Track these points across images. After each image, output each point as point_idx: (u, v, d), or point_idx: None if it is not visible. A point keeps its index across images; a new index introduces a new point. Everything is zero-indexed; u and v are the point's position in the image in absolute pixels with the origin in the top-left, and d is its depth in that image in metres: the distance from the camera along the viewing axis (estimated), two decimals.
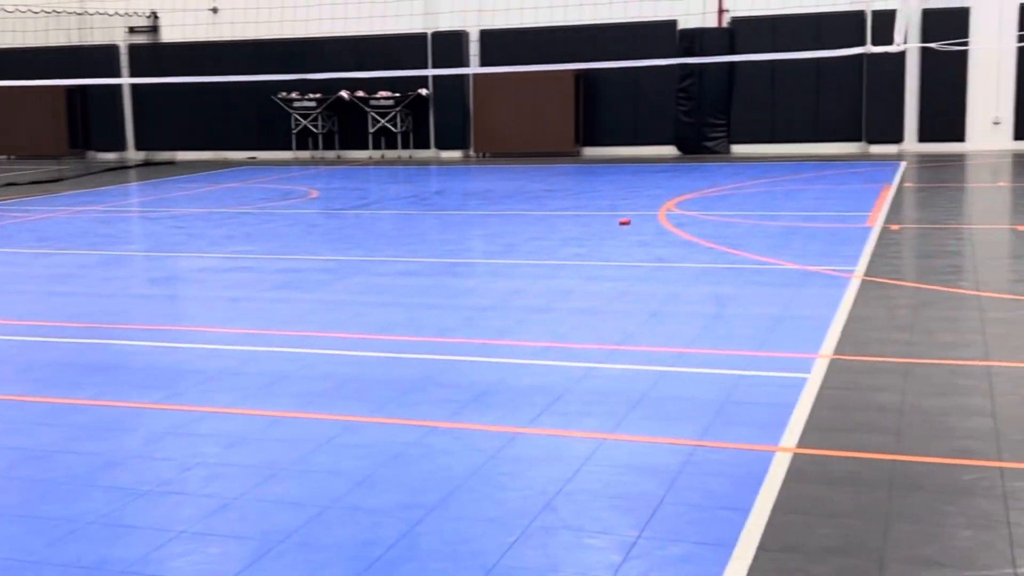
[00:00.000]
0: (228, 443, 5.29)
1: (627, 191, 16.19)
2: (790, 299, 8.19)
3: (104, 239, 12.87)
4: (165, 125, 25.93)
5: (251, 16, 24.04)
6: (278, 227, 13.40)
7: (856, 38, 20.16)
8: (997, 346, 6.66)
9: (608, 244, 11.16)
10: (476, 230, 12.88)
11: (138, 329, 7.98)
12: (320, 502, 4.52)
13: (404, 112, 24.12)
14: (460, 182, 18.63)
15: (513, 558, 3.97)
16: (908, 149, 21.52)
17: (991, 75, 21.16)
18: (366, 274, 10.00)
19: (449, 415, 5.64)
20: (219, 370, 6.67)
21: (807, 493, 4.47)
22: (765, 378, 6.20)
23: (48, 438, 5.44)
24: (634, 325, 7.51)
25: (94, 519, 4.40)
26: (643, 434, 5.28)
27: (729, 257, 10.12)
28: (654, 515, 4.31)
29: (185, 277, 10.25)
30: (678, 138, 22.74)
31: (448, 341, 7.28)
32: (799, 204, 14.05)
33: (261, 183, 19.43)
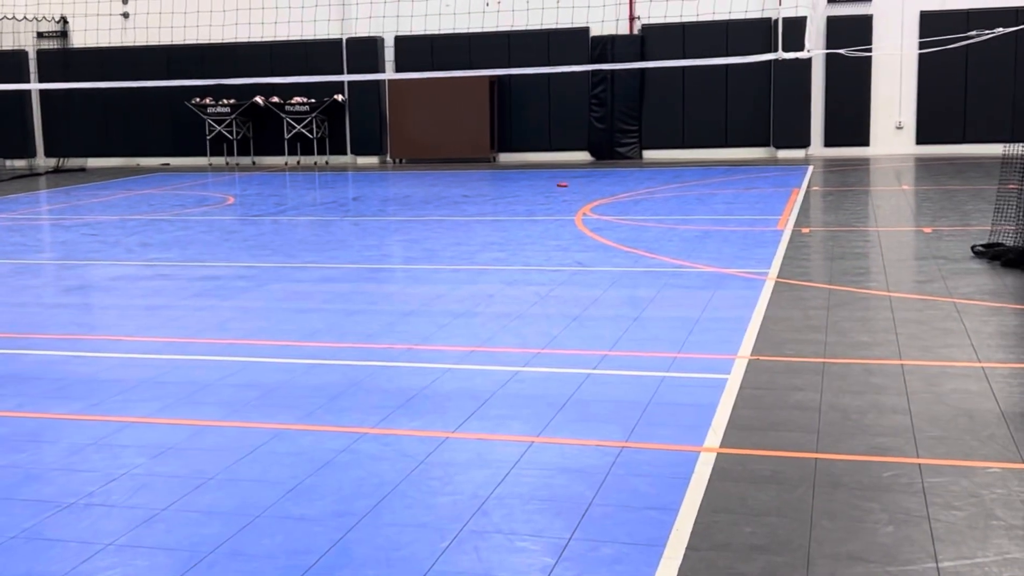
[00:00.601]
0: (152, 454, 5.23)
1: (543, 196, 16.30)
2: (707, 301, 8.35)
3: (16, 247, 12.57)
4: (76, 131, 25.38)
5: (163, 21, 23.67)
6: (195, 234, 13.23)
7: (763, 45, 20.62)
8: (909, 345, 6.87)
9: (527, 249, 11.24)
10: (396, 236, 12.87)
11: (54, 339, 7.83)
12: (250, 511, 4.50)
13: (320, 118, 23.96)
14: (378, 188, 18.57)
15: (446, 563, 4.00)
16: (814, 154, 22.02)
17: (894, 81, 21.78)
18: (286, 280, 9.93)
19: (377, 421, 5.65)
20: (139, 380, 6.58)
21: (732, 492, 4.58)
22: (687, 379, 6.32)
23: None
24: (556, 329, 7.59)
25: (16, 533, 4.32)
26: (570, 436, 5.34)
27: (646, 260, 10.26)
28: (584, 517, 4.37)
29: (101, 286, 10.06)
30: (591, 144, 22.96)
31: (372, 347, 7.28)
32: (711, 208, 14.30)
33: (176, 190, 19.14)
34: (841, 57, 19.02)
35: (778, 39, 14.12)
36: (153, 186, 19.88)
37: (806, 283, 8.97)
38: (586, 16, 22.09)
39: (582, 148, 23.05)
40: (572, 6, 21.83)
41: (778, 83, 21.73)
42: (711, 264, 9.93)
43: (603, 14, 22.29)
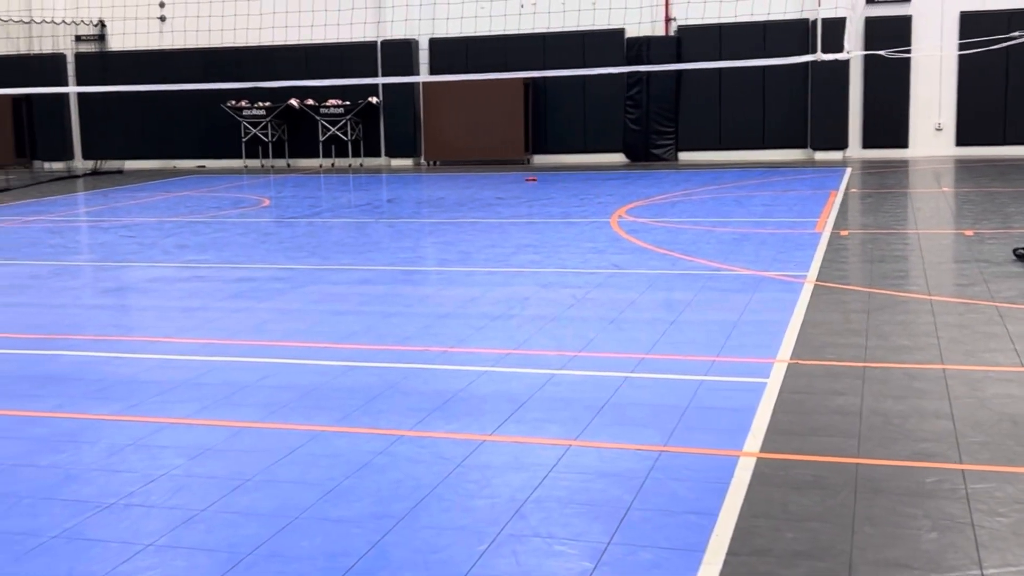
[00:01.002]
0: (191, 455, 5.25)
1: (578, 199, 16.27)
2: (745, 304, 8.28)
3: (55, 249, 12.69)
4: (113, 134, 25.64)
5: (200, 24, 23.85)
6: (231, 236, 13.30)
7: (801, 46, 20.47)
8: (951, 349, 6.78)
9: (563, 251, 11.21)
10: (430, 238, 12.88)
11: (93, 340, 7.89)
12: (288, 513, 4.50)
13: (354, 120, 24.05)
14: (412, 190, 18.61)
15: (485, 566, 3.98)
16: (853, 155, 21.86)
17: (933, 82, 21.57)
18: (322, 283, 9.95)
19: (414, 423, 5.64)
20: (178, 381, 6.61)
21: (773, 497, 4.53)
22: (725, 383, 6.27)
23: (7, 451, 5.36)
24: (593, 331, 7.56)
25: (57, 533, 4.35)
26: (608, 440, 5.31)
27: (683, 263, 10.21)
28: (623, 521, 4.34)
29: (139, 287, 10.14)
30: (626, 146, 22.90)
31: (408, 349, 7.27)
32: (748, 210, 14.20)
33: (212, 192, 19.27)
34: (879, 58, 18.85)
35: (817, 40, 14.01)
36: (189, 188, 20.02)
37: (845, 286, 8.88)
38: (622, 18, 22.04)
39: (617, 150, 22.99)
40: (608, 8, 21.79)
41: (816, 84, 21.58)
42: (749, 267, 9.86)
43: (639, 16, 22.25)
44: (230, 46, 24.16)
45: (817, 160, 21.67)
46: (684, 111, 22.56)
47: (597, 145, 23.10)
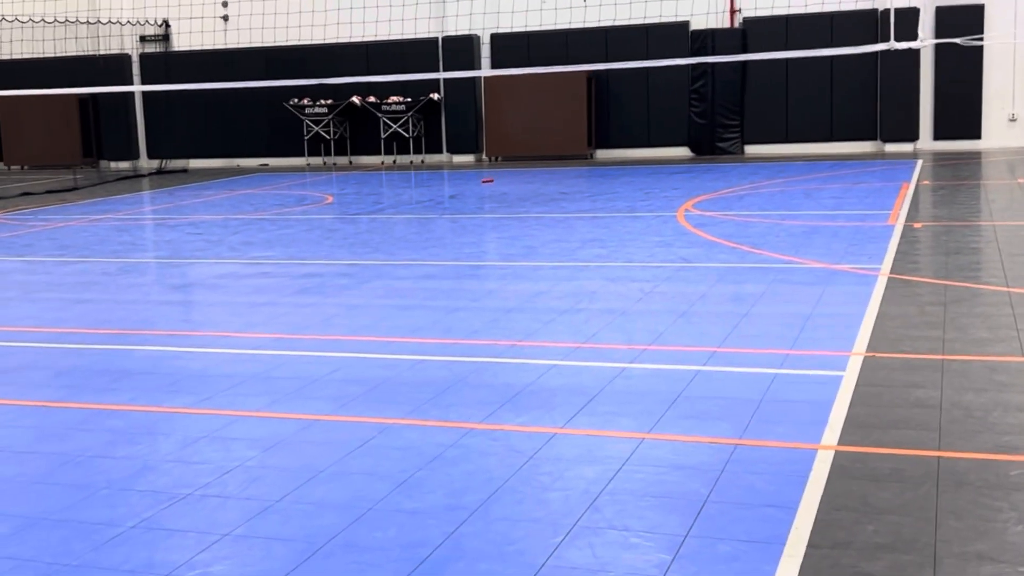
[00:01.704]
0: (264, 446, 5.27)
1: (643, 192, 16.16)
2: (818, 297, 8.15)
3: (124, 246, 12.88)
4: (177, 133, 25.99)
5: (263, 22, 24.08)
6: (296, 232, 13.40)
7: (868, 36, 20.15)
8: None
9: (629, 245, 11.13)
10: (494, 233, 12.86)
11: (165, 335, 7.97)
12: (362, 504, 4.50)
13: (416, 117, 24.12)
14: (474, 186, 18.61)
15: (560, 558, 3.94)
16: (923, 147, 21.46)
17: (1007, 71, 21.10)
18: (387, 278, 9.98)
19: (484, 416, 5.61)
20: (248, 374, 6.66)
21: (853, 490, 4.43)
22: (800, 376, 6.16)
23: (84, 443, 5.42)
24: (663, 325, 7.48)
25: (136, 523, 4.39)
26: (682, 433, 5.24)
27: (753, 256, 10.08)
28: (699, 514, 4.28)
29: (207, 283, 10.24)
30: (691, 139, 22.71)
31: (476, 343, 7.26)
32: (818, 203, 14.00)
33: (275, 189, 19.44)
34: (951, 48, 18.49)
35: (890, 28, 13.77)
36: (253, 186, 20.22)
37: (920, 279, 8.70)
38: (687, 9, 21.86)
39: (682, 144, 22.81)
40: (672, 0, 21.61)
41: (885, 75, 21.22)
42: (820, 260, 9.71)
43: (704, 7, 22.06)
44: (292, 44, 24.36)
45: (887, 152, 21.31)
46: (750, 104, 22.31)
47: (661, 139, 22.94)
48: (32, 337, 8.01)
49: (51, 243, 13.25)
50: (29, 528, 4.37)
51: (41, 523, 4.42)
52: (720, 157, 22.15)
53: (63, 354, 7.49)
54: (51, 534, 4.31)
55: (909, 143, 21.43)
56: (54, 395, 6.35)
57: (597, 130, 23.30)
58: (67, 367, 7.08)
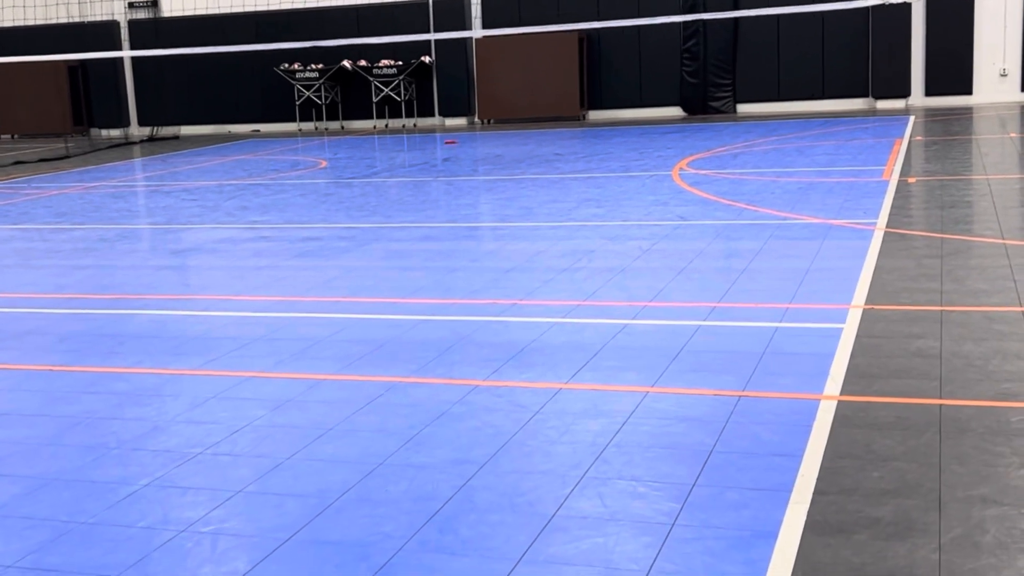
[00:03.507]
0: (272, 406, 5.31)
1: (636, 152, 16.16)
2: (816, 252, 8.20)
3: (120, 213, 12.86)
4: (168, 100, 25.87)
5: None
6: (291, 197, 13.39)
7: None
8: None
9: (625, 204, 11.15)
10: (490, 195, 12.87)
11: (167, 299, 8.00)
12: (372, 460, 4.55)
13: (407, 81, 24.04)
14: (468, 149, 18.58)
15: (570, 508, 4.00)
16: (915, 103, 21.47)
17: (998, 26, 21.08)
18: (386, 240, 10.00)
19: (489, 374, 5.66)
20: (253, 337, 6.69)
21: (857, 438, 4.49)
22: (801, 329, 6.22)
23: (93, 406, 5.46)
24: (663, 282, 7.52)
25: (149, 481, 4.43)
26: (686, 386, 5.30)
27: (749, 213, 10.11)
28: (706, 464, 4.34)
29: (206, 248, 10.24)
30: (683, 99, 22.68)
31: (478, 302, 7.29)
32: (812, 160, 14.03)
33: (269, 155, 19.39)
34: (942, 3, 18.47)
35: None
36: (246, 152, 20.16)
37: (916, 232, 8.75)
38: None
39: (674, 103, 22.78)
40: None
41: (876, 31, 21.19)
42: (817, 215, 9.75)
43: None
44: (282, 8, 24.21)
45: (879, 109, 21.32)
46: (742, 62, 22.27)
47: (654, 99, 22.90)
48: (34, 303, 8.03)
49: (47, 211, 13.24)
50: (42, 488, 4.42)
51: (54, 483, 4.47)
52: (713, 116, 22.13)
53: (66, 319, 7.52)
54: (64, 494, 4.36)
55: (901, 99, 21.43)
56: (60, 359, 6.39)
57: (589, 91, 23.25)
58: (71, 332, 7.11)
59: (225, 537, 3.88)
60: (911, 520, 3.73)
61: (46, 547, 3.87)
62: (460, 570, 3.54)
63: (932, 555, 3.47)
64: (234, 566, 3.65)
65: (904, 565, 3.42)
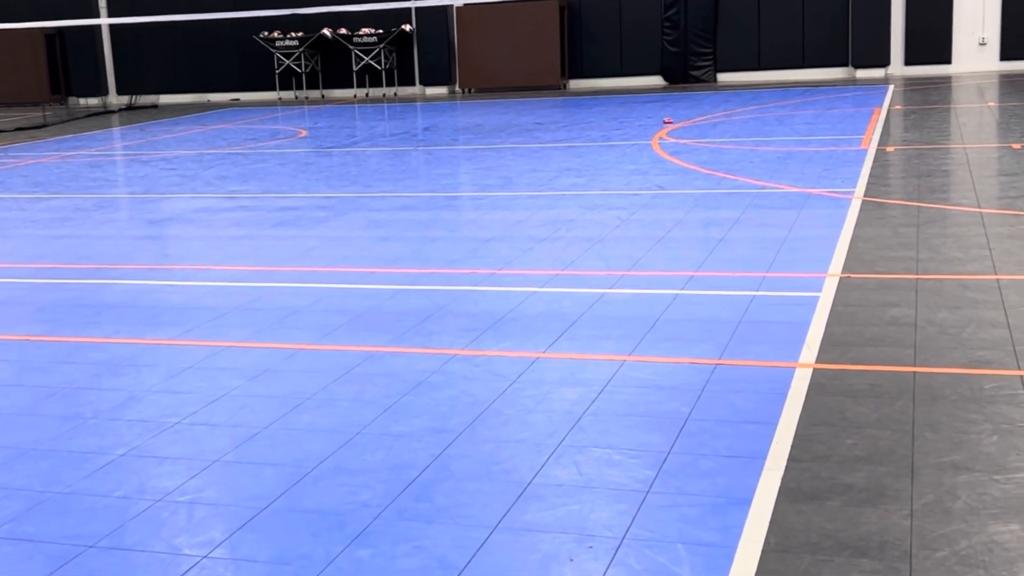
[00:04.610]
0: (250, 375, 5.31)
1: (617, 122, 16.13)
2: (793, 221, 8.22)
3: (97, 182, 12.78)
4: (146, 69, 25.64)
5: None
6: (270, 167, 13.33)
7: None
8: (1004, 260, 6.71)
9: (605, 174, 11.14)
10: (470, 164, 12.84)
11: (144, 269, 7.97)
12: (349, 429, 4.56)
13: (388, 49, 23.89)
14: (448, 118, 18.52)
15: (546, 476, 4.02)
16: (895, 73, 21.49)
17: None
18: (365, 210, 9.97)
19: (467, 343, 5.67)
20: (230, 306, 6.68)
21: (831, 406, 4.53)
22: (777, 298, 6.25)
23: (69, 376, 5.45)
24: (641, 251, 7.54)
25: (126, 451, 4.43)
26: (662, 355, 5.32)
27: (728, 182, 10.13)
28: (681, 431, 4.36)
29: (184, 218, 10.19)
30: (664, 68, 22.63)
31: (456, 272, 7.29)
32: (791, 129, 14.04)
33: (248, 124, 19.27)
34: None
35: None
36: (225, 121, 20.03)
37: (894, 201, 8.78)
38: None
39: (655, 72, 22.73)
40: None
41: (856, 1, 21.15)
42: (795, 184, 9.77)
43: None
44: None
45: (858, 78, 21.32)
46: (722, 31, 22.22)
47: (634, 68, 22.84)
48: (10, 273, 7.99)
49: (23, 180, 13.13)
50: (17, 458, 4.41)
51: (29, 453, 4.46)
52: (693, 85, 22.10)
53: (42, 289, 7.48)
54: (40, 463, 4.35)
55: (880, 68, 21.44)
56: (36, 329, 6.36)
57: (570, 60, 23.17)
58: (47, 302, 7.07)
59: (201, 506, 3.89)
60: (883, 487, 3.77)
61: (21, 516, 3.87)
62: (436, 537, 3.56)
63: (904, 521, 3.51)
64: (210, 535, 3.66)
65: (876, 531, 3.46)
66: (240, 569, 3.43)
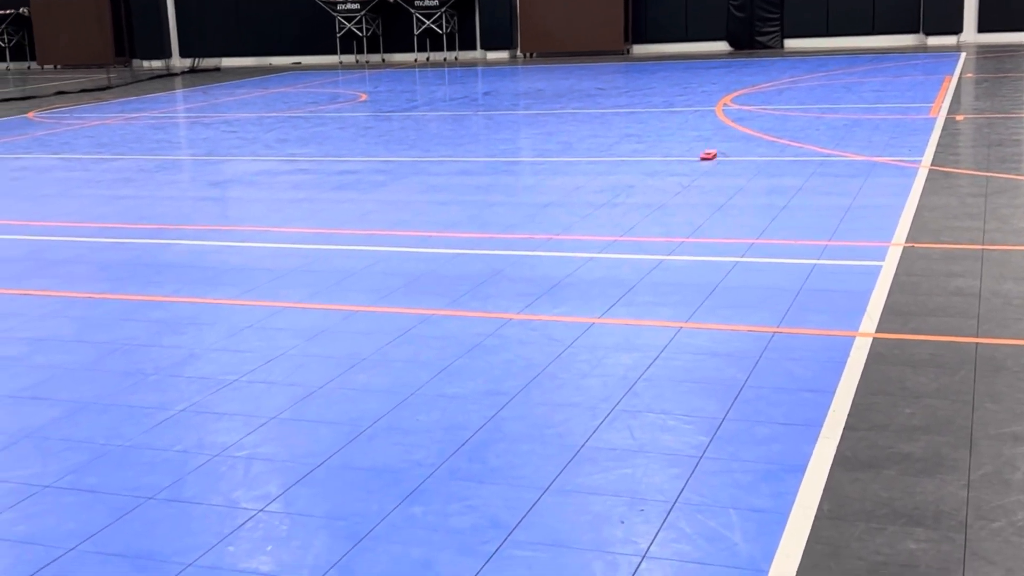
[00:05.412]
0: (307, 336, 5.36)
1: (680, 88, 15.96)
2: (858, 189, 8.09)
3: (160, 144, 12.93)
4: (209, 32, 25.84)
5: None
6: (330, 130, 13.38)
7: None
8: None
9: (667, 140, 11.04)
10: (530, 129, 12.79)
11: (205, 230, 8.06)
12: (404, 390, 4.58)
13: (449, 13, 23.83)
14: (509, 82, 18.44)
15: (600, 440, 4.01)
16: (967, 40, 20.99)
17: None
18: (423, 174, 9.98)
19: (522, 307, 5.66)
20: (289, 268, 6.73)
21: (890, 375, 4.46)
22: (839, 267, 6.16)
23: (131, 333, 5.54)
24: (701, 218, 7.46)
25: (185, 406, 4.50)
26: (720, 322, 5.28)
27: (792, 150, 9.98)
28: (737, 398, 4.33)
29: (244, 180, 10.28)
30: (730, 33, 22.33)
31: (513, 237, 7.28)
32: (859, 96, 13.79)
33: (309, 88, 19.36)
34: None
35: None
36: (286, 84, 20.14)
37: (961, 170, 8.60)
38: None
39: (720, 38, 22.43)
40: None
41: None
42: (861, 152, 9.61)
43: None
44: None
45: (930, 45, 20.87)
46: None
47: (699, 33, 22.56)
48: (74, 232, 8.12)
49: (88, 141, 13.33)
50: (80, 412, 4.50)
51: (92, 407, 4.55)
52: (759, 52, 21.78)
53: (105, 248, 7.59)
54: (102, 417, 4.43)
55: (952, 36, 20.96)
56: (99, 287, 6.47)
57: (633, 25, 22.94)
58: (110, 261, 7.19)
59: (259, 462, 3.94)
60: (941, 456, 3.71)
61: (84, 468, 3.94)
62: (488, 497, 3.58)
63: (960, 491, 3.46)
64: (267, 490, 3.71)
65: (932, 500, 3.41)
66: (296, 523, 3.47)
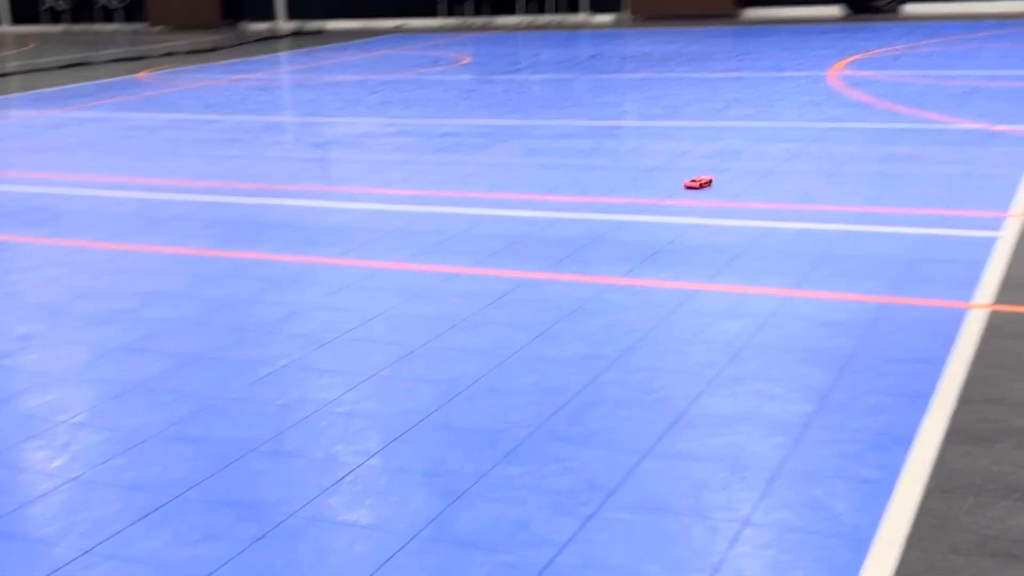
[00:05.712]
0: (406, 296, 5.36)
1: (791, 52, 15.59)
2: (975, 158, 7.79)
3: (265, 105, 13.09)
4: None
5: None
6: (432, 93, 13.39)
7: None
8: None
9: (776, 105, 10.79)
10: (635, 93, 12.62)
11: (308, 190, 8.12)
12: (502, 352, 4.55)
13: None
14: (615, 46, 18.23)
15: (701, 406, 3.93)
16: None
17: None
18: (525, 137, 9.91)
19: (624, 272, 5.58)
20: (389, 229, 6.74)
21: (1007, 349, 4.28)
22: (954, 237, 5.94)
23: (235, 289, 5.61)
24: (811, 185, 7.27)
25: (287, 363, 4.54)
26: (828, 291, 5.13)
27: (907, 117, 9.66)
28: (845, 368, 4.20)
29: (347, 142, 10.34)
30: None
31: (616, 201, 7.18)
32: (979, 62, 13.29)
33: (411, 50, 19.40)
34: None
35: None
36: (389, 47, 20.21)
37: None
38: None
39: (835, 2, 21.82)
40: None
41: None
42: (980, 120, 9.25)
43: None
44: None
45: None
46: None
47: None
48: (182, 190, 8.26)
49: (195, 101, 13.56)
50: (188, 365, 4.57)
51: (199, 360, 4.61)
52: (875, 16, 21.15)
53: (211, 207, 7.71)
54: (208, 371, 4.49)
55: None
56: (205, 244, 6.57)
57: None
58: (216, 219, 7.29)
59: (359, 418, 3.95)
60: None
61: (189, 419, 4.00)
62: (586, 460, 3.53)
63: None
64: (366, 445, 3.71)
65: None
66: (394, 478, 3.47)
